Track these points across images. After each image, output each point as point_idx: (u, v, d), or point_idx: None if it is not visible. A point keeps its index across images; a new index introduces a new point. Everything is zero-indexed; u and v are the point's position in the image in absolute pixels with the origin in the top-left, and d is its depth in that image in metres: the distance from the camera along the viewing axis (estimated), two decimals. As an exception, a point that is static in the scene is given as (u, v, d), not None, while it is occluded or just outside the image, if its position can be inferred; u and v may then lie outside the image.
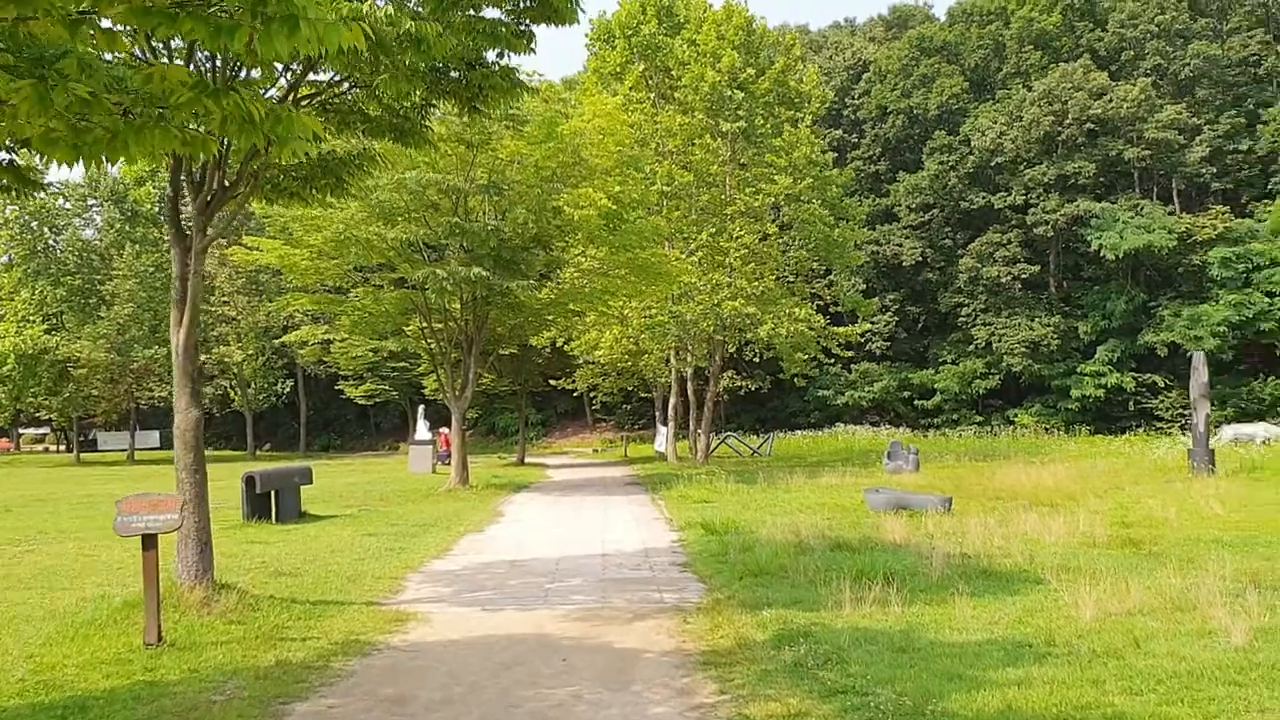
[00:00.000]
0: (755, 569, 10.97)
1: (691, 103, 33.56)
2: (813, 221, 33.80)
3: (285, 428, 70.89)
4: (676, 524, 16.60)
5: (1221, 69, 52.84)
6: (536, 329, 31.32)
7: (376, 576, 11.67)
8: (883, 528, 14.32)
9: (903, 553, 11.91)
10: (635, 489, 25.61)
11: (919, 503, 16.93)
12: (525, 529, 16.77)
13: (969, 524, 14.45)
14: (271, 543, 14.94)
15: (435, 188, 22.16)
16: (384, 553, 13.73)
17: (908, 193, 55.94)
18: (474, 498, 23.02)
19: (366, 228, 21.90)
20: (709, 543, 13.65)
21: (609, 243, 25.24)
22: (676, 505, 19.73)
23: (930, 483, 23.04)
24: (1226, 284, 47.91)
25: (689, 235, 33.04)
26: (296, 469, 20.00)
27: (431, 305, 25.54)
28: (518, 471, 34.43)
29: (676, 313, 31.27)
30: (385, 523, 17.82)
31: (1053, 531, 13.45)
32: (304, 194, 10.12)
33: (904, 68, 58.23)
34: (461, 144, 22.50)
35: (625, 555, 13.29)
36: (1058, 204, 51.23)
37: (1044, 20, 56.52)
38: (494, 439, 63.51)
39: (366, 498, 23.88)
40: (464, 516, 18.75)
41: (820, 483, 23.79)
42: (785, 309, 32.80)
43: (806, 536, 13.13)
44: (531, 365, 40.50)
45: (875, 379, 54.34)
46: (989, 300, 53.43)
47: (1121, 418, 50.54)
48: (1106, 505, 17.17)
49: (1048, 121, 51.11)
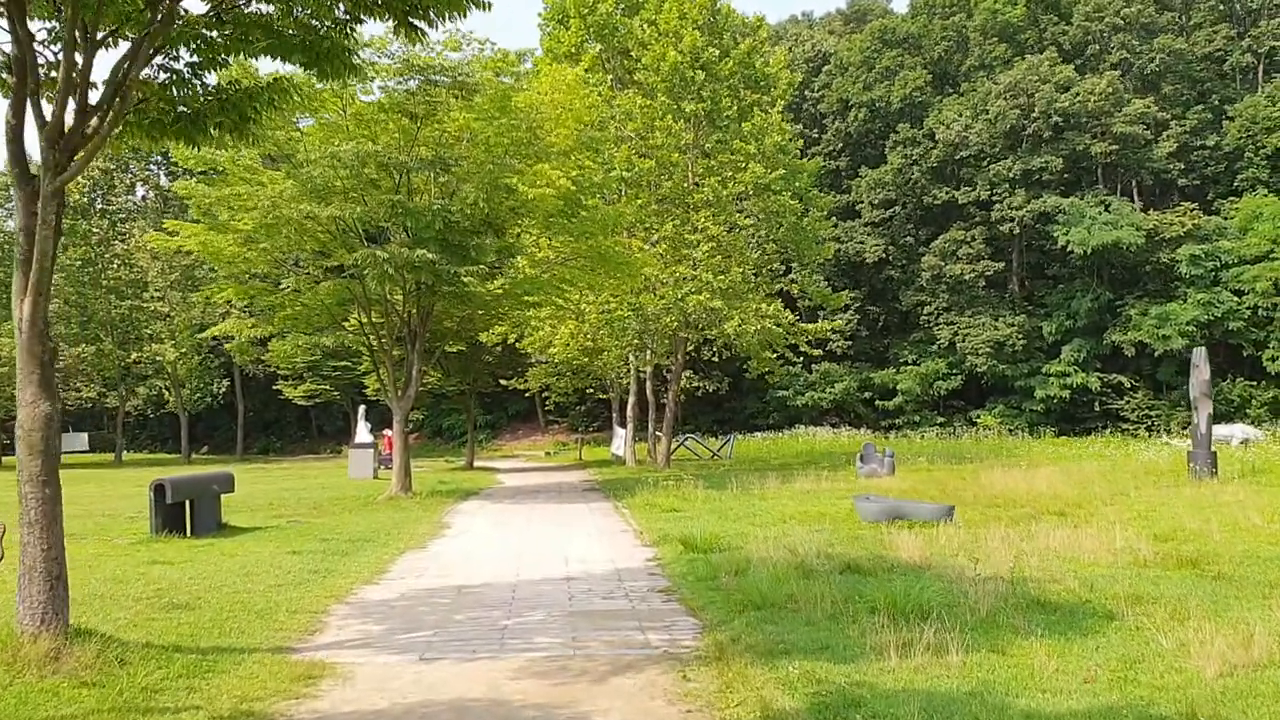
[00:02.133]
0: (757, 599, 9.00)
1: (652, 84, 31.58)
2: (783, 213, 31.94)
3: (223, 430, 67.85)
4: (647, 537, 14.60)
5: (1187, 64, 52.02)
6: (486, 323, 29.12)
7: (292, 610, 9.54)
8: (889, 543, 12.44)
9: (926, 577, 10.03)
10: (595, 495, 23.58)
11: (918, 512, 15.10)
12: (475, 544, 14.67)
13: (985, 538, 12.65)
14: (176, 563, 12.72)
15: (375, 162, 19.98)
16: (307, 576, 11.59)
17: (870, 188, 54.46)
18: (417, 507, 20.83)
19: (297, 206, 19.63)
20: (692, 562, 11.67)
21: (567, 229, 23.17)
22: (644, 515, 17.73)
23: (912, 488, 21.28)
24: (1195, 282, 46.95)
25: (651, 226, 31.04)
26: (215, 475, 17.71)
27: (371, 296, 23.32)
28: (466, 476, 32.26)
29: (637, 306, 29.26)
30: (315, 537, 15.63)
31: (1086, 548, 11.67)
32: (195, 132, 7.98)
33: (866, 60, 56.74)
34: (404, 115, 20.36)
35: (594, 578, 11.26)
36: (1024, 200, 50.00)
37: (1008, 12, 55.36)
38: (441, 442, 61.13)
39: (298, 507, 21.66)
40: (405, 529, 16.61)
41: (795, 488, 21.99)
42: (753, 304, 30.91)
43: (806, 555, 11.22)
44: (481, 364, 38.21)
45: (836, 379, 52.78)
46: (952, 299, 52.08)
47: (1087, 419, 49.45)
48: (1123, 514, 15.46)
49: (1013, 115, 49.86)
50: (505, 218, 21.58)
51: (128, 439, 70.69)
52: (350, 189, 20.28)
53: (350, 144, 19.13)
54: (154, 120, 7.76)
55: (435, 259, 19.56)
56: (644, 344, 32.68)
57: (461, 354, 35.51)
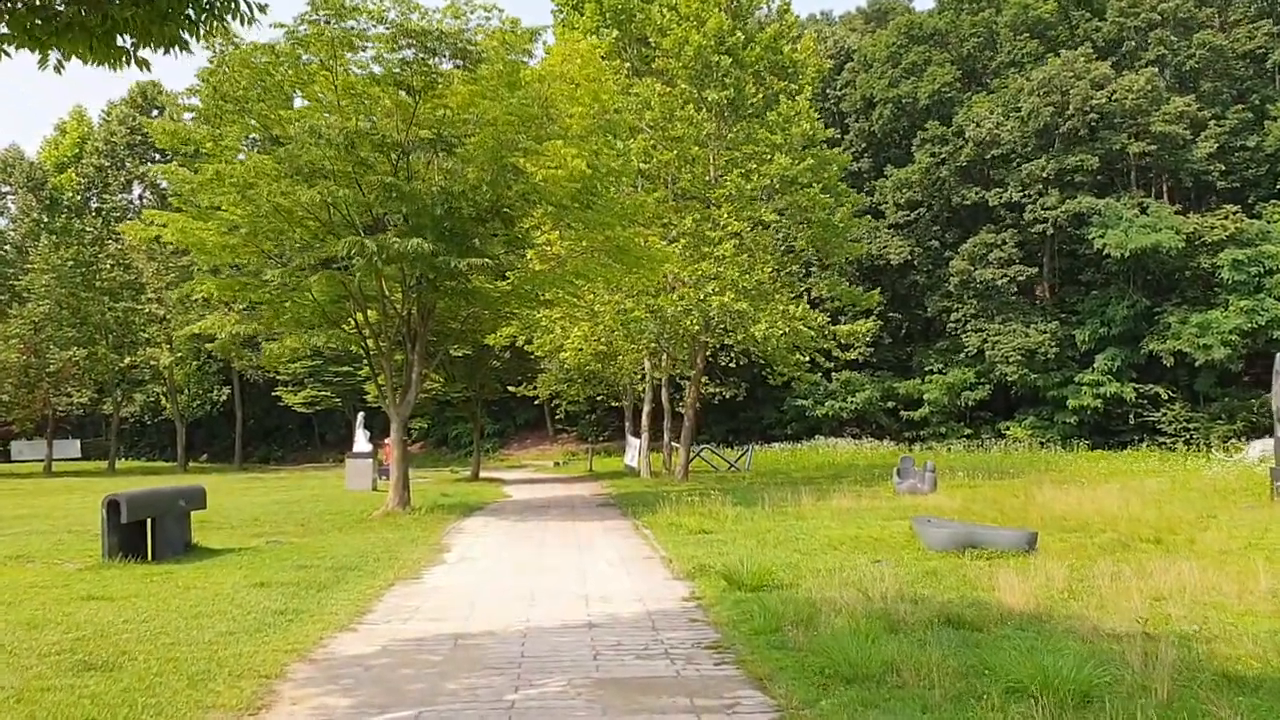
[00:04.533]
0: (844, 667, 6.82)
1: (673, 70, 29.49)
2: (812, 207, 29.72)
3: (223, 437, 65.77)
4: (679, 568, 12.40)
5: (1227, 61, 49.68)
6: (493, 324, 26.95)
7: (237, 673, 7.37)
8: (979, 582, 10.28)
9: (1052, 634, 7.84)
10: (611, 512, 21.40)
11: (995, 540, 12.90)
12: (477, 574, 12.51)
13: (1090, 575, 10.52)
14: (118, 598, 10.59)
15: (368, 141, 17.88)
16: (270, 619, 9.43)
17: (895, 188, 52.18)
18: (415, 525, 18.69)
19: (276, 186, 17.53)
20: (740, 604, 9.49)
21: (582, 219, 21.00)
22: (670, 537, 15.55)
23: (964, 507, 19.10)
24: (1237, 289, 44.54)
25: (670, 221, 28.88)
26: (182, 490, 15.58)
27: (367, 292, 21.24)
28: (471, 489, 30.14)
29: (656, 308, 27.08)
30: (292, 562, 13.49)
31: (1226, 590, 9.50)
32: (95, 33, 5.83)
33: (891, 56, 54.52)
34: (401, 89, 18.26)
35: (622, 625, 9.09)
36: (1057, 200, 47.65)
37: (1039, 8, 53.14)
38: (446, 451, 59.02)
39: (285, 523, 19.62)
40: (398, 553, 14.46)
41: (833, 506, 19.85)
42: (780, 305, 28.70)
43: (884, 599, 9.06)
44: (487, 369, 36.08)
45: (858, 389, 50.49)
46: (981, 305, 49.72)
47: (1121, 431, 47.11)
48: (1229, 543, 13.25)
49: (1047, 113, 47.56)
50: (514, 204, 19.44)
51: (125, 446, 68.75)
52: (340, 171, 18.19)
53: (335, 118, 17.03)
54: (31, 6, 5.62)
55: (433, 249, 17.46)
56: (661, 348, 30.51)
57: (467, 358, 33.44)
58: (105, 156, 59.45)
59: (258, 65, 18.82)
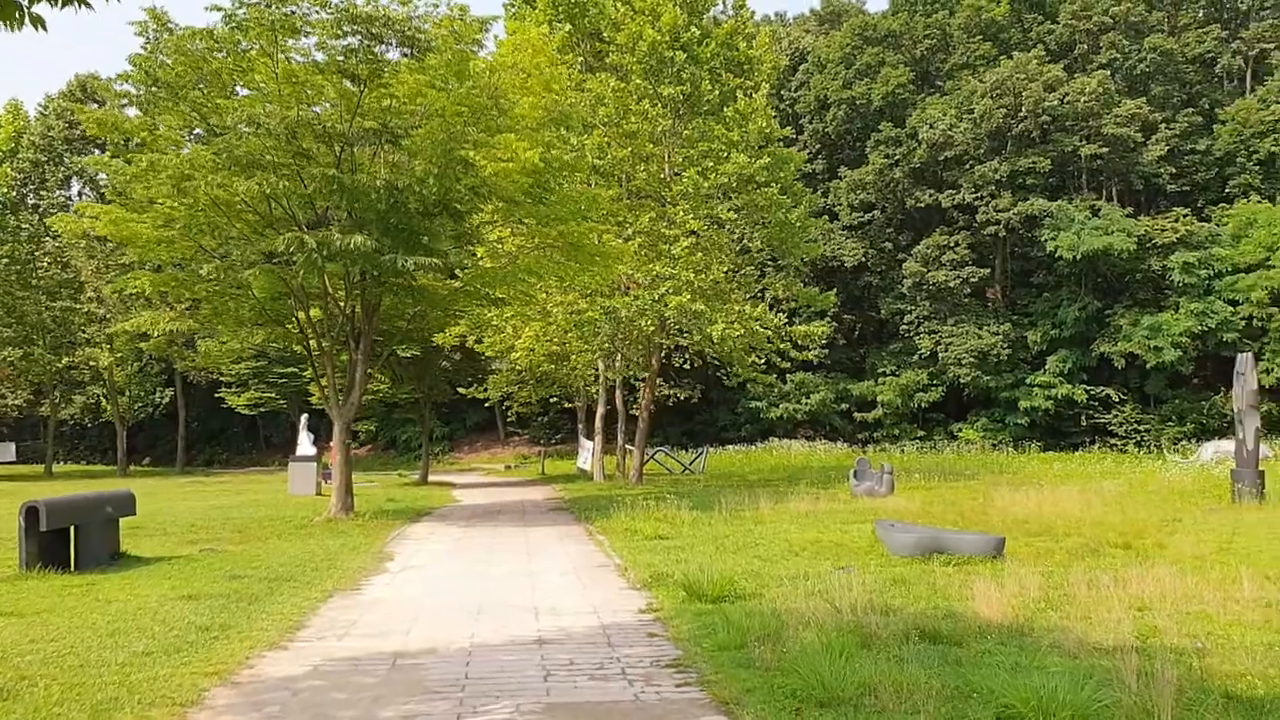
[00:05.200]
0: (816, 688, 6.25)
1: (628, 65, 28.90)
2: (769, 207, 29.25)
3: (165, 441, 64.06)
4: (635, 576, 11.79)
5: (1177, 65, 50.09)
6: (442, 323, 26.17)
7: (148, 699, 6.66)
8: (950, 590, 9.82)
9: (1036, 648, 7.35)
10: (563, 517, 20.75)
11: (962, 545, 12.44)
12: (421, 585, 11.81)
13: (1065, 582, 10.09)
14: (28, 614, 9.78)
15: (310, 131, 17.10)
16: (194, 636, 8.69)
17: (849, 189, 52.00)
18: (358, 531, 17.92)
19: (213, 178, 16.70)
20: (702, 617, 8.90)
21: (534, 214, 20.33)
22: (626, 544, 14.94)
23: (924, 510, 18.74)
24: (1188, 291, 44.87)
25: (625, 220, 28.27)
26: (109, 495, 14.70)
27: (309, 288, 20.42)
28: (419, 493, 29.32)
29: (611, 309, 26.45)
30: (226, 572, 12.71)
31: (1208, 598, 9.09)
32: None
33: (845, 57, 54.36)
34: (345, 77, 17.50)
35: (576, 641, 8.46)
36: (1009, 202, 47.73)
37: (992, 10, 53.27)
38: (395, 454, 57.95)
39: (222, 529, 18.70)
40: (338, 562, 13.72)
41: (791, 509, 19.35)
42: (736, 305, 28.20)
43: (854, 610, 8.53)
44: (437, 370, 35.24)
45: (812, 390, 50.21)
46: (934, 307, 49.66)
47: (1073, 433, 47.33)
48: (1200, 547, 12.91)
49: (1000, 115, 47.64)
50: (463, 199, 18.72)
51: (65, 450, 66.89)
52: (281, 162, 17.38)
53: (275, 107, 16.25)
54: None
55: (376, 246, 16.72)
56: (615, 349, 29.89)
57: (415, 359, 32.62)
58: (42, 151, 57.67)
59: (194, 51, 17.98)
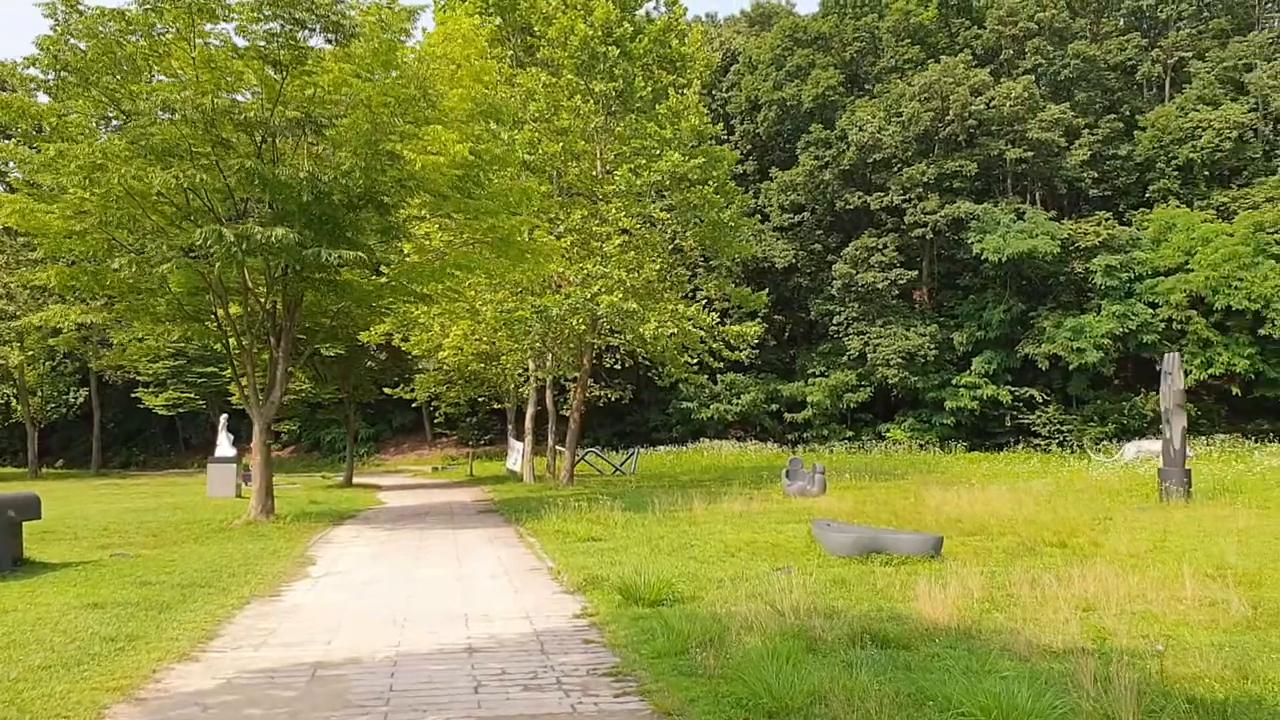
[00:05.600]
0: (764, 697, 5.95)
1: (559, 60, 28.48)
2: (703, 206, 29.02)
3: (80, 442, 61.91)
4: (569, 580, 11.41)
5: (1099, 72, 51.04)
6: (367, 320, 25.48)
7: (41, 718, 6.13)
8: (892, 592, 9.60)
9: (985, 651, 7.13)
10: (493, 519, 20.26)
11: (900, 545, 12.28)
12: (343, 590, 11.29)
13: (1008, 583, 9.94)
14: (-83, 627, 9.11)
15: (228, 118, 16.41)
16: (97, 648, 8.11)
17: (780, 190, 52.10)
18: (279, 534, 17.27)
19: (127, 168, 15.94)
20: (640, 621, 8.56)
21: (463, 208, 19.81)
22: (557, 546, 14.55)
23: (857, 509, 18.65)
24: (1109, 294, 45.71)
25: (557, 217, 27.83)
26: (10, 498, 13.86)
27: (228, 283, 19.67)
28: (343, 495, 28.57)
29: (541, 307, 25.99)
30: (136, 579, 12.05)
31: (1152, 598, 8.99)
32: None
33: (776, 58, 54.48)
34: (267, 63, 16.84)
35: (508, 649, 8.05)
36: (937, 205, 48.21)
37: (920, 14, 53.80)
38: (319, 455, 56.74)
39: (136, 533, 17.91)
40: (257, 567, 13.12)
41: (725, 509, 19.11)
42: (669, 305, 27.92)
43: (796, 613, 8.26)
44: (362, 370, 34.42)
45: (742, 391, 50.21)
46: (862, 308, 49.96)
47: (997, 433, 47.92)
48: (1135, 545, 12.90)
49: (928, 118, 48.08)
50: (390, 191, 18.16)
51: (-32, 452, 64.45)
52: (199, 152, 16.67)
53: (192, 93, 15.57)
54: None
55: (299, 240, 16.10)
56: (546, 348, 29.43)
57: (340, 358, 31.84)
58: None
59: (106, 34, 17.17)
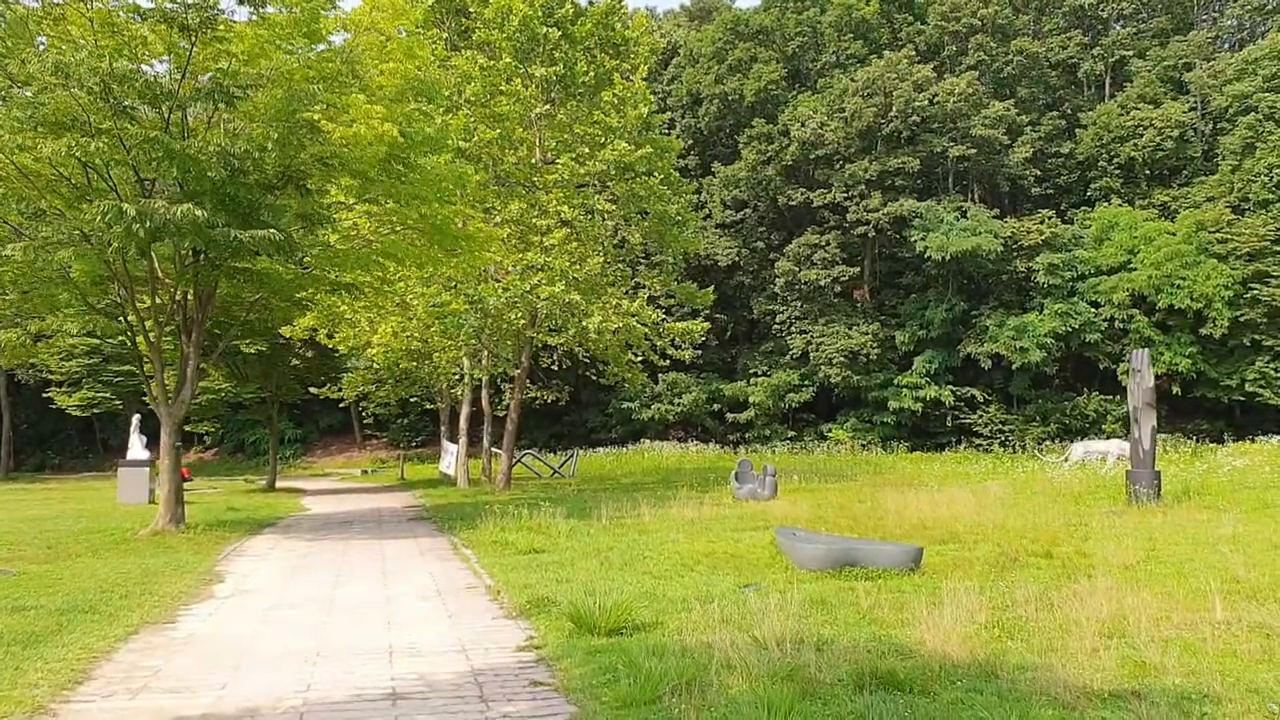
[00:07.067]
0: (765, 769, 4.71)
1: (496, 42, 27.05)
2: (649, 197, 27.74)
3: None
4: (510, 601, 10.05)
5: (1042, 69, 50.78)
6: (287, 313, 23.78)
7: None
8: (884, 616, 8.40)
9: (1018, 694, 5.94)
10: (425, 528, 18.77)
11: (878, 557, 11.14)
12: (251, 616, 9.82)
13: (1011, 602, 8.85)
14: None
15: (130, 86, 14.77)
16: (-65, 698, 6.63)
17: (723, 185, 51.02)
18: (187, 547, 15.64)
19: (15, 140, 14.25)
20: (598, 657, 7.25)
21: (391, 191, 18.31)
22: (496, 559, 13.17)
23: (815, 515, 17.55)
24: (1052, 293, 45.34)
25: (493, 207, 26.37)
26: None
27: (134, 271, 17.97)
28: (264, 501, 26.86)
29: (477, 299, 24.52)
30: (10, 602, 10.48)
31: (1178, 620, 7.92)
32: None
33: (718, 52, 53.44)
34: (173, 27, 15.22)
35: (440, 694, 6.70)
36: (879, 202, 47.48)
37: (862, 8, 53.13)
38: (242, 458, 54.46)
39: (29, 544, 16.22)
40: (155, 586, 11.58)
41: (675, 515, 17.94)
42: (613, 299, 26.62)
43: (778, 645, 7.02)
44: (285, 368, 32.59)
45: (684, 391, 49.05)
46: (805, 307, 49.08)
47: (939, 433, 47.33)
48: (1126, 555, 11.90)
49: (870, 114, 47.33)
50: (310, 170, 16.63)
51: None
52: (97, 122, 15.00)
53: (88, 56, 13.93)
54: None
55: (209, 220, 14.52)
56: (482, 345, 27.95)
57: (261, 355, 30.03)
58: None
59: (-9, -7, 15.45)
